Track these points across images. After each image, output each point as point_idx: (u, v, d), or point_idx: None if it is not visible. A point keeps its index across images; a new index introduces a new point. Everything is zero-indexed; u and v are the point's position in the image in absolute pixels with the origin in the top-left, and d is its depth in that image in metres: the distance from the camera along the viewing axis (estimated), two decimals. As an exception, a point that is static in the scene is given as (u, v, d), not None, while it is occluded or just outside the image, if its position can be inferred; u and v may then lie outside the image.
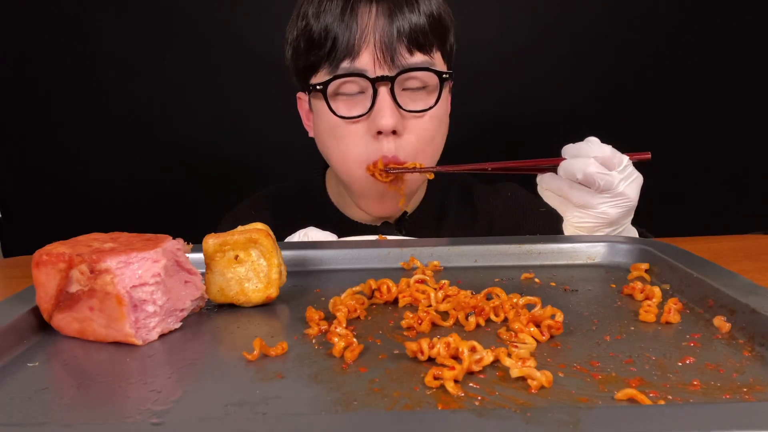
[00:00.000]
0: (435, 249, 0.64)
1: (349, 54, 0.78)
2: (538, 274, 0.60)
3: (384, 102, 0.78)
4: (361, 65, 0.78)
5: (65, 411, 0.37)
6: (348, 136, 0.82)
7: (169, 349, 0.46)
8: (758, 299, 0.44)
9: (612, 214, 0.69)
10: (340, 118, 0.81)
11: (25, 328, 0.48)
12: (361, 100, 0.80)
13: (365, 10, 0.78)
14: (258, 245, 0.53)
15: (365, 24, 0.78)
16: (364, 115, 0.80)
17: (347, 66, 0.79)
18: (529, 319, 0.46)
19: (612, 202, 0.68)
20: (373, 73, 0.78)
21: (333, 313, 0.49)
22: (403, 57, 0.78)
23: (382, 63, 0.78)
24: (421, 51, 0.80)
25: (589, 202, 0.69)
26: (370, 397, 0.36)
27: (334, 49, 0.79)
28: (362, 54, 0.78)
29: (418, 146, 0.82)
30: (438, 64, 0.83)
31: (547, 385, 0.37)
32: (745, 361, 0.40)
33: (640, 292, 0.52)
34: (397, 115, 0.79)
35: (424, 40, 0.80)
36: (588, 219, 0.70)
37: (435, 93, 0.82)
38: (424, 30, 0.79)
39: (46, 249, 0.47)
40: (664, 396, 0.36)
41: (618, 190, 0.68)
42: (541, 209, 0.97)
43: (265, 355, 0.43)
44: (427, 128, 0.82)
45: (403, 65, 0.79)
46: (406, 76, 0.79)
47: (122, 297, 0.45)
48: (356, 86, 0.80)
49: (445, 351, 0.40)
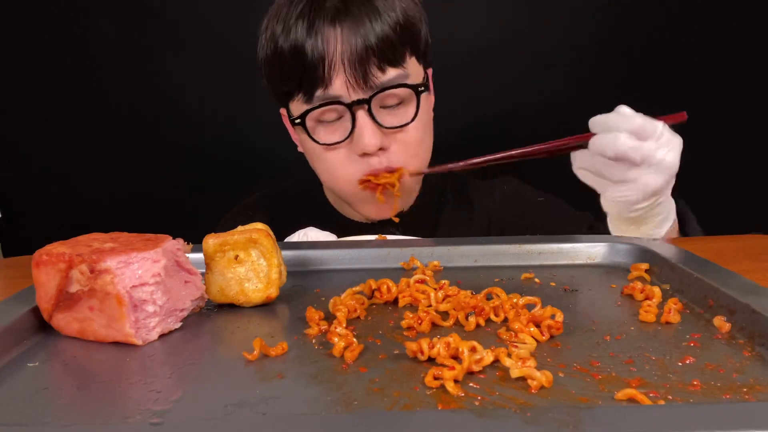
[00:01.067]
0: (435, 249, 0.64)
1: (321, 82, 0.77)
2: (538, 274, 0.60)
3: (365, 124, 0.78)
4: (334, 92, 0.77)
5: (65, 411, 0.37)
6: (334, 159, 0.82)
7: (169, 349, 0.46)
8: (758, 299, 0.44)
9: (654, 184, 0.65)
10: (323, 145, 0.81)
11: (25, 328, 0.48)
12: (341, 123, 0.80)
13: (330, 34, 0.76)
14: (258, 245, 0.53)
15: (333, 49, 0.75)
16: (345, 140, 0.79)
17: (321, 94, 0.77)
18: (529, 319, 0.46)
19: (652, 172, 0.64)
20: (348, 98, 0.77)
21: (333, 313, 0.49)
22: (375, 76, 0.77)
23: (356, 86, 0.76)
24: (392, 65, 0.78)
25: (627, 177, 0.65)
26: (370, 397, 0.36)
27: (306, 78, 0.77)
28: (335, 81, 0.76)
29: (406, 155, 0.81)
30: (412, 70, 0.81)
31: (547, 385, 0.37)
32: (745, 361, 0.40)
33: (640, 292, 0.52)
34: (379, 134, 0.79)
35: (395, 54, 0.78)
36: (629, 192, 0.66)
37: (413, 105, 0.81)
38: (392, 43, 0.77)
39: (46, 249, 0.47)
40: (664, 396, 0.36)
41: (656, 159, 0.64)
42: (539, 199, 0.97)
43: (265, 355, 0.43)
44: (413, 137, 0.82)
45: (377, 85, 0.77)
46: (383, 95, 0.78)
47: (122, 297, 0.45)
48: (334, 113, 0.79)
49: (445, 351, 0.40)
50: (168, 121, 1.50)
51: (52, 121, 1.48)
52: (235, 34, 1.43)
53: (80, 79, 1.46)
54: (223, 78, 1.46)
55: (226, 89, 1.47)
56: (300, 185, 1.02)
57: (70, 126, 1.49)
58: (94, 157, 1.51)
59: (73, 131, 1.49)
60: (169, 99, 1.48)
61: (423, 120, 0.83)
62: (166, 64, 1.46)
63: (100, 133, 1.49)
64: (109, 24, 1.43)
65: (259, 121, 1.47)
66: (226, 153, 1.50)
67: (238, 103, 1.47)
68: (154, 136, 1.50)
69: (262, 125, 1.47)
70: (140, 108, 1.48)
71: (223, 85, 1.46)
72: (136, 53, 1.45)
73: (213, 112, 1.48)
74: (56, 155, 1.51)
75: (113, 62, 1.45)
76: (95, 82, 1.46)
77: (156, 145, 1.50)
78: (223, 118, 1.49)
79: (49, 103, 1.48)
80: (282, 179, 1.06)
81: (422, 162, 0.85)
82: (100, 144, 1.50)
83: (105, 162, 1.51)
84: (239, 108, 1.48)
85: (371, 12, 0.77)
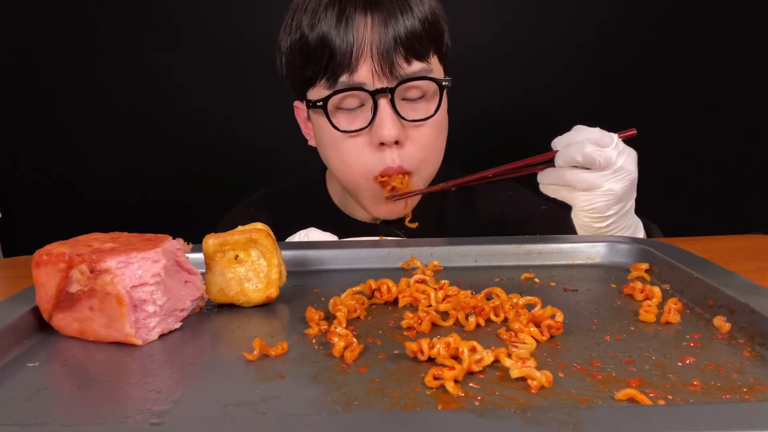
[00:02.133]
0: (435, 249, 0.64)
1: (347, 68, 0.77)
2: (538, 274, 0.60)
3: (385, 114, 0.78)
4: (360, 79, 0.77)
5: (65, 411, 0.37)
6: (350, 149, 0.81)
7: (169, 349, 0.46)
8: (758, 299, 0.44)
9: (618, 189, 0.70)
10: (342, 132, 0.80)
11: (25, 328, 0.48)
12: (362, 112, 0.80)
13: (361, 22, 0.77)
14: (258, 245, 0.53)
15: (362, 36, 0.76)
16: (365, 128, 0.79)
17: (346, 80, 0.78)
18: (529, 319, 0.46)
19: (615, 177, 0.69)
20: (372, 86, 0.78)
21: (333, 313, 0.49)
22: (401, 67, 0.78)
23: (381, 75, 0.77)
24: (418, 59, 0.79)
25: (594, 182, 0.70)
26: (370, 397, 0.36)
27: (332, 64, 0.77)
28: (360, 67, 0.77)
29: (420, 154, 0.82)
30: (435, 68, 0.82)
31: (547, 385, 0.37)
32: (745, 361, 0.40)
33: (640, 292, 0.52)
34: (398, 125, 0.79)
35: (421, 48, 0.79)
36: (596, 199, 0.71)
37: (435, 100, 0.82)
38: (420, 37, 0.78)
39: (46, 249, 0.47)
40: (664, 396, 0.36)
41: (617, 164, 0.69)
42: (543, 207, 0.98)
43: (265, 355, 0.43)
44: (429, 135, 0.82)
45: (402, 75, 0.78)
46: (406, 86, 0.79)
47: (122, 297, 0.45)
48: (356, 99, 0.79)
49: (445, 351, 0.40)
50: (168, 121, 1.50)
51: (52, 121, 1.48)
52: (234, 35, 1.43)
53: (80, 80, 1.46)
54: (223, 78, 1.46)
55: (226, 89, 1.47)
56: (301, 184, 1.02)
57: (70, 126, 1.49)
58: (93, 157, 1.51)
59: (73, 131, 1.49)
60: (169, 99, 1.48)
61: (439, 118, 0.84)
62: (166, 65, 1.46)
63: (99, 133, 1.49)
64: (108, 24, 1.43)
65: (259, 122, 1.48)
66: (227, 153, 1.51)
67: (237, 103, 1.47)
68: (154, 137, 1.50)
69: (262, 125, 1.48)
70: (140, 108, 1.48)
71: (223, 85, 1.47)
72: (135, 53, 1.45)
73: (212, 112, 1.48)
74: (56, 155, 1.51)
75: (113, 62, 1.45)
76: (95, 83, 1.46)
77: (156, 146, 1.50)
78: (223, 118, 1.49)
79: (49, 103, 1.48)
80: (282, 179, 1.06)
81: (432, 166, 0.86)
82: (100, 144, 1.50)
83: (105, 162, 1.51)
84: (239, 108, 1.48)
85: (402, 4, 0.78)
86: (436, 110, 0.81)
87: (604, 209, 0.71)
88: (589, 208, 0.71)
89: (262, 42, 1.36)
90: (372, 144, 0.80)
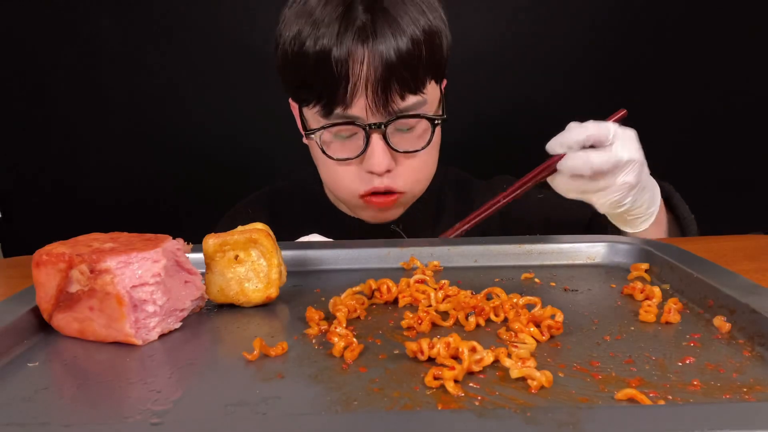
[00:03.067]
0: (435, 249, 0.64)
1: (342, 102, 0.78)
2: (538, 274, 0.60)
3: (377, 146, 0.79)
4: (354, 113, 0.78)
5: (65, 411, 0.37)
6: (343, 173, 0.84)
7: (169, 349, 0.46)
8: (758, 299, 0.44)
9: (631, 180, 0.71)
10: (334, 160, 0.82)
11: (25, 328, 0.48)
12: (354, 141, 0.81)
13: (357, 52, 0.76)
14: (258, 245, 0.53)
15: (358, 70, 0.76)
16: (356, 158, 0.81)
17: (340, 113, 0.79)
18: (529, 319, 0.46)
19: (626, 171, 0.71)
20: (365, 120, 0.79)
21: (333, 313, 0.49)
22: (395, 102, 0.78)
23: (375, 111, 0.78)
24: (413, 93, 0.79)
25: (608, 182, 0.71)
26: (370, 397, 0.36)
27: (328, 95, 0.78)
28: (356, 102, 0.78)
29: (410, 178, 0.84)
30: (431, 95, 0.82)
31: (547, 385, 0.37)
32: (745, 361, 0.40)
33: (640, 292, 0.52)
34: (389, 157, 0.81)
35: (416, 82, 0.78)
36: (613, 195, 0.72)
37: (427, 132, 0.83)
38: (415, 68, 0.77)
39: (46, 249, 0.47)
40: (664, 396, 0.36)
41: (624, 159, 0.70)
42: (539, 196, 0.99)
43: (265, 355, 0.43)
44: (420, 162, 0.84)
45: (395, 111, 0.79)
46: (399, 122, 0.80)
47: (122, 297, 0.45)
48: (349, 130, 0.81)
49: (445, 351, 0.40)
50: (167, 122, 1.50)
51: (52, 122, 1.48)
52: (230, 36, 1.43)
53: (79, 80, 1.46)
54: (221, 81, 1.46)
55: (224, 92, 1.47)
56: (300, 183, 1.02)
57: (70, 126, 1.49)
58: (93, 157, 1.51)
59: (73, 132, 1.49)
60: (167, 100, 1.48)
61: (433, 146, 0.85)
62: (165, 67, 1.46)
63: (99, 133, 1.49)
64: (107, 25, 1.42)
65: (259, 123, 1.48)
66: (226, 154, 1.50)
67: (236, 105, 1.47)
68: (153, 137, 1.50)
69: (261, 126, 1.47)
70: (139, 109, 1.48)
71: (221, 87, 1.46)
72: (133, 55, 1.44)
73: (211, 113, 1.48)
74: (56, 156, 1.51)
75: (112, 63, 1.45)
76: (94, 83, 1.46)
77: (156, 146, 1.50)
78: (221, 119, 1.49)
79: (49, 104, 1.48)
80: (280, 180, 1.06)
81: (423, 186, 0.88)
82: (100, 144, 1.50)
83: (105, 162, 1.51)
84: (237, 110, 1.48)
85: (396, 32, 0.77)
86: (428, 143, 0.83)
87: (623, 199, 0.73)
88: (609, 204, 0.74)
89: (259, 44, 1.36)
90: (363, 170, 0.82)
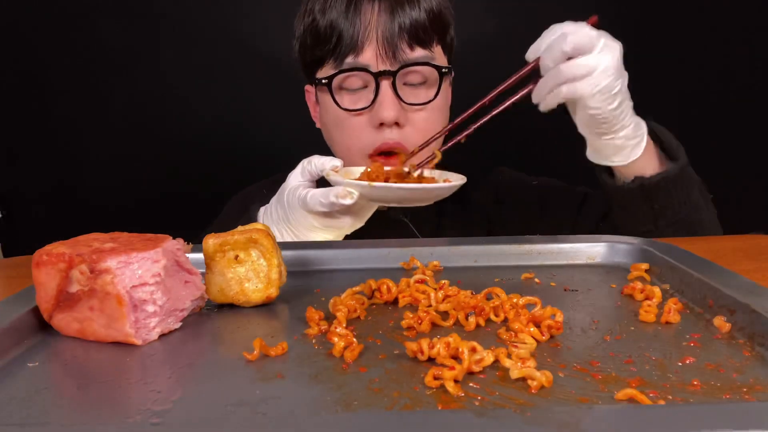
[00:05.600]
0: (435, 249, 0.64)
1: (353, 50, 0.82)
2: (538, 274, 0.60)
3: (386, 95, 0.82)
4: (364, 60, 0.82)
5: (65, 411, 0.37)
6: (352, 127, 0.86)
7: (169, 349, 0.46)
8: (758, 299, 0.44)
9: (613, 61, 0.70)
10: (345, 110, 0.85)
11: (25, 328, 0.48)
12: (365, 93, 0.84)
13: (368, 7, 0.82)
14: (258, 245, 0.53)
15: (368, 21, 0.81)
16: (367, 108, 0.84)
17: (351, 61, 0.82)
18: (529, 319, 0.46)
19: (605, 53, 0.69)
20: (375, 68, 0.82)
21: (333, 313, 0.49)
22: (404, 52, 0.82)
23: (385, 58, 0.82)
24: (421, 46, 0.83)
25: (589, 63, 0.69)
26: (370, 397, 0.36)
27: (339, 45, 0.82)
28: (365, 50, 0.82)
29: (419, 137, 0.85)
30: (438, 57, 0.86)
31: (547, 385, 0.37)
32: (745, 361, 0.40)
33: (640, 292, 0.52)
34: (398, 107, 0.83)
35: (425, 36, 0.83)
36: (599, 79, 0.69)
37: (435, 86, 0.86)
38: (424, 26, 0.83)
39: (46, 249, 0.47)
40: (664, 396, 0.35)
41: (601, 41, 0.69)
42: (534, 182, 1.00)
43: (265, 355, 0.43)
44: (428, 120, 0.86)
45: (404, 60, 0.82)
46: (408, 70, 0.83)
47: (122, 297, 0.45)
48: (360, 80, 0.84)
49: (445, 351, 0.40)
50: (167, 121, 1.50)
51: (51, 121, 1.48)
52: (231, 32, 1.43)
53: (78, 79, 1.46)
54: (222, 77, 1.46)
55: (225, 88, 1.47)
56: None
57: (70, 126, 1.49)
58: (93, 157, 1.51)
59: (73, 131, 1.49)
60: (168, 99, 1.48)
61: (440, 104, 0.87)
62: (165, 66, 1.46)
63: (99, 133, 1.49)
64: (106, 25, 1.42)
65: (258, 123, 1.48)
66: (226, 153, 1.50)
67: (236, 102, 1.47)
68: (154, 136, 1.50)
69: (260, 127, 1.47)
70: (138, 108, 1.48)
71: (223, 84, 1.46)
72: (133, 54, 1.45)
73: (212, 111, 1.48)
74: (56, 155, 1.51)
75: (111, 63, 1.45)
76: (93, 82, 1.46)
77: (156, 146, 1.50)
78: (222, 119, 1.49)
79: (48, 104, 1.48)
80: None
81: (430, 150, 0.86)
82: (100, 144, 1.50)
83: (105, 162, 1.51)
84: (238, 107, 1.48)
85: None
86: (436, 95, 0.85)
87: (612, 85, 0.70)
88: (596, 90, 0.70)
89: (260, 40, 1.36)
90: (373, 124, 0.84)
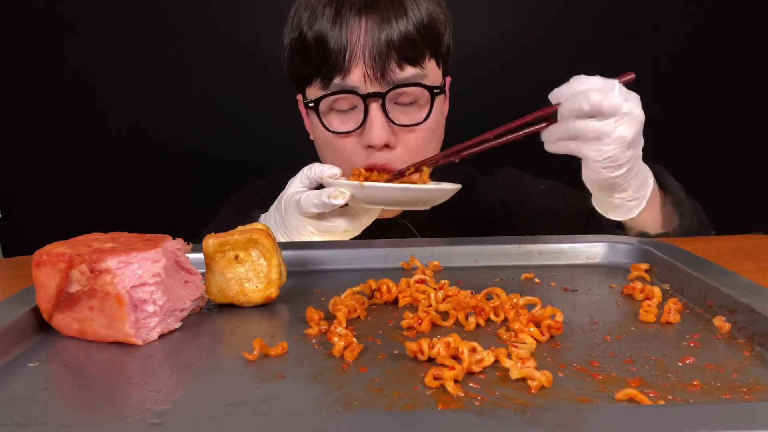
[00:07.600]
0: (435, 249, 0.64)
1: (339, 71, 0.78)
2: (538, 274, 0.60)
3: (375, 118, 0.79)
4: (352, 82, 0.78)
5: (65, 411, 0.37)
6: (341, 148, 0.83)
7: (169, 349, 0.46)
8: (758, 299, 0.44)
9: (628, 135, 0.66)
10: (333, 133, 0.82)
11: (25, 328, 0.48)
12: (354, 114, 0.81)
13: (355, 25, 0.78)
14: (258, 245, 0.53)
15: (355, 40, 0.77)
16: (356, 130, 0.81)
17: (338, 83, 0.79)
18: (529, 319, 0.46)
19: (624, 123, 0.66)
20: (364, 90, 0.79)
21: (333, 313, 0.49)
22: (393, 72, 0.78)
23: (373, 80, 0.78)
24: (411, 64, 0.79)
25: (603, 130, 0.66)
26: (370, 397, 0.36)
27: (326, 65, 0.79)
28: (353, 71, 0.78)
29: (409, 158, 0.82)
30: (431, 73, 0.82)
31: (547, 385, 0.37)
32: (745, 361, 0.40)
33: (640, 292, 0.52)
34: (388, 130, 0.80)
35: (414, 53, 0.79)
36: (608, 148, 0.67)
37: (427, 106, 0.82)
38: (413, 41, 0.79)
39: (46, 249, 0.47)
40: (664, 396, 0.36)
41: (624, 110, 0.66)
42: (541, 186, 0.99)
43: (265, 355, 0.43)
44: (420, 140, 0.83)
45: (393, 81, 0.79)
46: (397, 92, 0.79)
47: (122, 297, 0.45)
48: (348, 102, 0.81)
49: (445, 351, 0.40)
50: (166, 122, 1.50)
51: (51, 122, 1.48)
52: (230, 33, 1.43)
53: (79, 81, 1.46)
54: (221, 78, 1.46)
55: (223, 90, 1.47)
56: None
57: (70, 127, 1.49)
58: (93, 157, 1.51)
59: (73, 132, 1.49)
60: (167, 100, 1.48)
61: (433, 124, 0.84)
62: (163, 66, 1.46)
63: (99, 134, 1.49)
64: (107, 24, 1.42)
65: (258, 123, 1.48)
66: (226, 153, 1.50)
67: (235, 103, 1.47)
68: (154, 137, 1.50)
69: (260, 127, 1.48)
70: (138, 108, 1.48)
71: (221, 85, 1.46)
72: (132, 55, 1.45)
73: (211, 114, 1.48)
74: (56, 156, 1.51)
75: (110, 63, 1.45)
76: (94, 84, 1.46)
77: (156, 146, 1.50)
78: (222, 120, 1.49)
79: (48, 104, 1.48)
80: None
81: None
82: (100, 145, 1.50)
83: (105, 162, 1.51)
84: (236, 109, 1.48)
85: (397, 9, 0.78)
86: (427, 116, 0.82)
87: (618, 157, 0.68)
88: (602, 158, 0.68)
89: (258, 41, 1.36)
90: (362, 146, 0.81)
